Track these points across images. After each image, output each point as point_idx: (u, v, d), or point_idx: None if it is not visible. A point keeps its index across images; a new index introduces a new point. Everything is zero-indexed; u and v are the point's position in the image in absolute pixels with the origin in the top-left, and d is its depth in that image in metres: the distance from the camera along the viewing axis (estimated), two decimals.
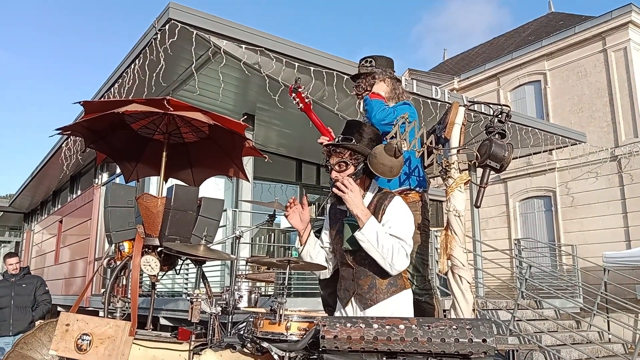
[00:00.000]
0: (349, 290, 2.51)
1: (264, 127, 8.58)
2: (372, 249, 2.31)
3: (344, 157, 2.49)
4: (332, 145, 2.53)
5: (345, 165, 2.49)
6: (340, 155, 2.50)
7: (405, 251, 2.36)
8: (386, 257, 2.31)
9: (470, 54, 20.77)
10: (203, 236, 3.34)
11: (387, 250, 2.31)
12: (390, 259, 2.31)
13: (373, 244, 2.31)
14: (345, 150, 2.49)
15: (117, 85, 6.63)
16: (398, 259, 2.32)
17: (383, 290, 2.42)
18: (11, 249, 20.96)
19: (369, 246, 2.32)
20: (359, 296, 2.45)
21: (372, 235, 2.31)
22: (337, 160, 2.50)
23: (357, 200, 2.38)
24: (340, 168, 2.49)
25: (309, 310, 3.11)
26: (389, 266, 2.32)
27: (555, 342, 7.20)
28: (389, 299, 2.42)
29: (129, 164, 4.21)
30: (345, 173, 2.48)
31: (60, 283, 12.10)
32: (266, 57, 5.91)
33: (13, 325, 6.20)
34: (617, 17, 13.49)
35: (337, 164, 2.50)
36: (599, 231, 13.35)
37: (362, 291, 2.45)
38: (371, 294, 2.43)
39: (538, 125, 9.18)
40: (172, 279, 7.84)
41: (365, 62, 3.34)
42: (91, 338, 2.85)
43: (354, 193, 2.38)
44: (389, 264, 2.32)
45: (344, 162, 2.49)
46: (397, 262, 2.32)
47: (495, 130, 2.87)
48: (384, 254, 2.31)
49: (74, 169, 11.63)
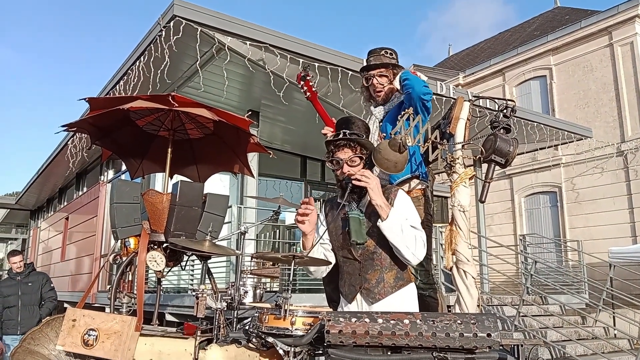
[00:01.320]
0: (354, 286, 2.49)
1: (268, 124, 8.59)
2: (398, 238, 2.33)
3: (357, 152, 2.50)
4: (344, 139, 2.51)
5: (359, 160, 2.50)
6: (353, 150, 2.50)
7: (423, 241, 2.39)
8: (410, 246, 2.33)
9: (475, 49, 20.68)
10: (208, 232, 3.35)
11: (411, 239, 2.34)
12: (414, 248, 2.34)
13: (398, 234, 2.33)
14: (356, 145, 2.50)
15: (122, 82, 6.65)
16: (419, 249, 2.36)
17: (391, 284, 2.43)
18: (17, 246, 21.09)
19: (393, 235, 2.34)
20: (367, 291, 2.45)
21: (397, 225, 2.34)
22: (350, 155, 2.49)
23: (379, 191, 2.39)
24: (353, 163, 2.49)
25: (314, 305, 3.12)
26: (412, 255, 2.35)
27: (560, 338, 7.20)
28: (396, 293, 2.43)
29: (135, 161, 4.22)
30: (357, 168, 2.48)
31: (67, 280, 12.17)
32: (271, 54, 5.91)
33: (21, 324, 6.21)
34: (624, 11, 13.40)
35: (350, 159, 2.49)
36: (605, 227, 13.29)
37: (370, 285, 2.44)
38: (379, 288, 2.43)
39: (543, 121, 9.14)
40: (177, 275, 7.88)
41: (386, 52, 3.31)
42: (98, 333, 2.87)
43: (377, 183, 2.40)
44: (412, 252, 2.34)
45: (358, 157, 2.50)
46: (419, 251, 2.36)
47: (500, 125, 2.86)
48: (408, 244, 2.33)
49: (80, 166, 11.68)
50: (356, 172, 2.44)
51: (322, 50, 6.26)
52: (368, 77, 3.33)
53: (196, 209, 3.63)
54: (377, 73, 3.28)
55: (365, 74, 3.36)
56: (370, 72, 3.32)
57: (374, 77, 3.29)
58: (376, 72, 3.29)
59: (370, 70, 3.31)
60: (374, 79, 3.29)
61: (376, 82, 3.29)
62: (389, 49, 3.35)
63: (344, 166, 2.49)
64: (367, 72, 3.34)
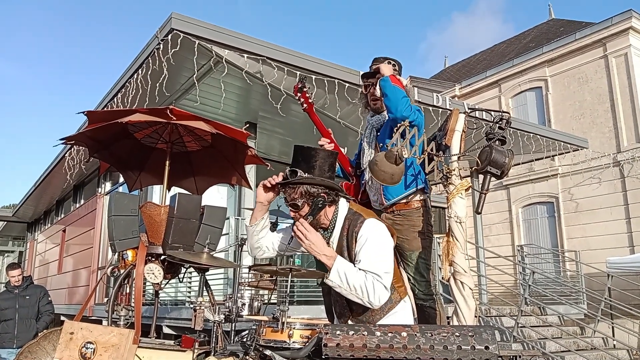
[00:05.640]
0: (344, 312, 2.44)
1: (266, 136, 8.62)
2: (346, 292, 2.19)
3: (294, 197, 2.28)
4: (280, 184, 2.32)
5: (298, 207, 2.28)
6: (289, 195, 2.29)
7: (382, 284, 2.17)
8: (362, 297, 2.17)
9: (471, 61, 20.82)
10: (206, 244, 3.36)
11: (361, 290, 2.16)
12: (366, 297, 2.17)
13: (345, 288, 2.18)
14: (295, 188, 2.28)
15: (120, 95, 6.68)
16: (375, 296, 2.16)
17: (378, 311, 2.33)
18: (14, 258, 20.98)
19: (341, 290, 2.20)
20: (356, 320, 2.39)
21: (343, 281, 2.17)
22: (288, 201, 2.29)
23: (317, 246, 2.22)
24: (295, 209, 2.28)
25: (312, 317, 3.12)
26: (368, 304, 2.19)
27: (559, 349, 7.17)
28: (386, 317, 2.36)
29: (133, 173, 4.24)
30: (301, 212, 2.28)
31: (64, 292, 12.11)
32: (268, 66, 5.95)
33: (17, 338, 6.17)
34: (618, 23, 13.53)
35: (290, 205, 2.30)
36: (603, 237, 13.31)
37: (357, 314, 2.38)
38: (367, 317, 2.35)
39: (540, 132, 9.19)
40: (175, 287, 7.85)
41: (389, 63, 3.26)
42: (95, 346, 2.86)
43: (313, 238, 2.22)
44: (367, 302, 2.18)
45: (294, 204, 2.28)
46: (374, 298, 2.16)
47: (495, 137, 2.88)
48: (359, 295, 2.17)
49: (77, 179, 11.67)
50: (299, 217, 2.27)
51: (319, 63, 6.31)
52: (367, 84, 3.31)
53: (194, 221, 3.64)
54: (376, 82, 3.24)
55: (365, 81, 3.34)
56: (369, 80, 3.29)
57: (373, 86, 3.26)
58: (375, 80, 3.24)
59: (370, 78, 3.29)
60: (372, 87, 3.27)
61: (373, 91, 3.26)
62: (392, 59, 3.33)
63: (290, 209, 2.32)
64: (367, 80, 3.31)
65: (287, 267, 2.21)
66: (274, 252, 2.61)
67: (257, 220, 2.49)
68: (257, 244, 2.55)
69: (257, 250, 2.59)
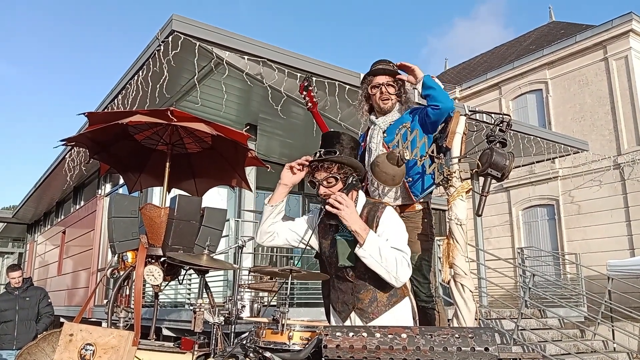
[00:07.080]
0: (348, 305, 2.45)
1: (266, 137, 8.62)
2: (376, 264, 2.25)
3: (332, 172, 2.38)
4: (317, 161, 2.41)
5: (335, 181, 2.38)
6: (327, 170, 2.38)
7: (407, 261, 2.30)
8: (390, 270, 2.25)
9: (471, 63, 20.84)
10: (206, 246, 3.35)
11: (391, 263, 2.25)
12: (395, 272, 2.25)
13: (376, 259, 2.25)
14: (333, 165, 2.39)
15: (121, 97, 6.68)
16: (402, 271, 2.27)
17: (385, 302, 2.38)
18: (14, 260, 20.97)
19: (372, 261, 2.25)
20: (360, 310, 2.40)
21: (375, 251, 2.25)
22: (325, 176, 2.38)
23: (353, 216, 2.30)
24: (330, 184, 2.38)
25: (311, 319, 3.11)
26: (394, 279, 2.27)
27: (559, 352, 7.17)
28: (390, 310, 2.38)
29: (133, 175, 4.23)
30: (334, 188, 2.38)
31: (63, 294, 12.09)
32: (268, 68, 5.95)
33: (17, 339, 6.17)
34: (618, 25, 13.55)
35: (326, 179, 2.38)
36: (603, 239, 13.31)
37: (364, 305, 2.40)
38: (373, 308, 2.38)
39: (540, 134, 9.19)
40: (175, 289, 7.84)
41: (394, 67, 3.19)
42: (95, 348, 2.85)
43: (350, 209, 2.30)
44: (393, 277, 2.26)
45: (333, 178, 2.38)
46: (401, 274, 2.27)
47: (496, 139, 2.88)
48: (388, 268, 2.25)
49: (78, 180, 11.67)
50: (331, 193, 2.35)
51: (320, 65, 6.31)
52: (375, 85, 3.15)
53: (194, 223, 3.63)
54: (386, 82, 3.13)
55: (372, 79, 3.17)
56: (379, 81, 3.14)
57: (383, 86, 3.13)
58: (386, 80, 3.13)
59: (379, 76, 3.15)
60: (383, 87, 3.13)
61: (384, 90, 3.12)
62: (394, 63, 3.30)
63: (319, 187, 2.41)
64: (375, 79, 3.16)
65: (287, 268, 2.21)
66: (284, 241, 2.60)
67: (277, 202, 2.54)
68: (270, 228, 2.57)
69: (267, 235, 2.58)
